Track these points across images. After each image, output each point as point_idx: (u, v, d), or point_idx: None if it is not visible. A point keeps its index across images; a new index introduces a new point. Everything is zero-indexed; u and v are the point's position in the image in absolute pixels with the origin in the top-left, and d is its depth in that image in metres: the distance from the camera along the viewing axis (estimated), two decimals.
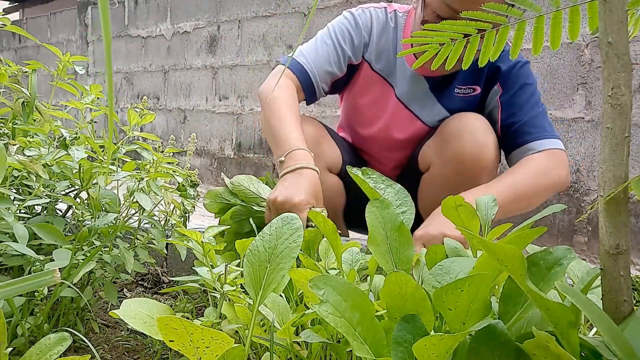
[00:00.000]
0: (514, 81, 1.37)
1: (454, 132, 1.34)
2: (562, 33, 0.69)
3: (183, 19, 4.32)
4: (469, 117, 1.35)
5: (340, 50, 1.40)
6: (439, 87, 1.43)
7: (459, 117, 1.37)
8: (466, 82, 1.41)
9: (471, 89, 1.41)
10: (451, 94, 1.42)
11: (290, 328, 0.71)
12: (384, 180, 0.85)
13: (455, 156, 1.32)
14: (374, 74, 1.45)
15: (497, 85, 1.38)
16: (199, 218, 2.86)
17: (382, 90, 1.46)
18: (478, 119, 1.35)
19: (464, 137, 1.31)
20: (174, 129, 4.41)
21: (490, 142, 1.32)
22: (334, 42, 1.40)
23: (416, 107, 1.45)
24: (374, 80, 1.46)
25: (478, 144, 1.30)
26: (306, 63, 1.38)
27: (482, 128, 1.33)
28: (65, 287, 0.86)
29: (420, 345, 0.49)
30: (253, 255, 0.69)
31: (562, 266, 0.55)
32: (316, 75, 1.38)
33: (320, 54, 1.39)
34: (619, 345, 0.45)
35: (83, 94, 1.08)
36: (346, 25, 1.41)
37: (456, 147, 1.32)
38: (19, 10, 8.58)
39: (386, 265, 0.69)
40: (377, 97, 1.46)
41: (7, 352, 0.56)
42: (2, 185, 0.87)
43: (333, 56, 1.40)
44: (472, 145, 1.30)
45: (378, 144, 1.53)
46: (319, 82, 1.39)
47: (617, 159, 0.51)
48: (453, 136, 1.34)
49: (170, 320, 0.53)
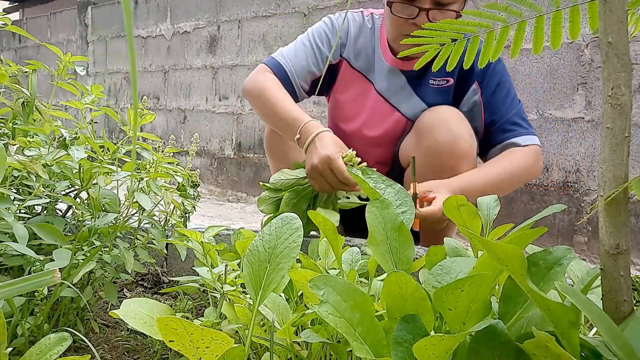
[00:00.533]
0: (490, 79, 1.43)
1: (428, 125, 1.39)
2: (563, 33, 0.69)
3: (183, 19, 4.32)
4: (441, 109, 1.41)
5: (317, 50, 1.50)
6: (415, 79, 1.49)
7: (431, 111, 1.43)
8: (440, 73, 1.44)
9: (444, 80, 1.48)
10: (426, 85, 1.49)
11: (290, 328, 0.71)
12: (384, 180, 0.85)
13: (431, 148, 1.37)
14: (354, 71, 1.54)
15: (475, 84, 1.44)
16: (199, 218, 2.86)
17: (362, 87, 1.54)
18: (450, 110, 1.40)
19: (437, 129, 1.36)
20: (174, 129, 4.41)
21: (464, 131, 1.36)
22: (312, 43, 1.51)
23: (395, 100, 1.52)
24: (354, 77, 1.54)
25: (452, 134, 1.35)
26: (284, 62, 1.49)
27: (454, 118, 1.37)
28: (65, 287, 0.86)
29: (421, 345, 0.49)
30: (253, 255, 0.69)
31: (562, 266, 0.55)
32: (294, 73, 1.48)
33: (298, 54, 1.50)
34: (619, 345, 0.45)
35: (83, 94, 1.08)
36: (323, 28, 1.52)
37: (430, 139, 1.37)
38: (19, 10, 8.58)
39: (386, 265, 0.69)
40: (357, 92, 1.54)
41: (7, 352, 0.56)
42: (2, 185, 0.87)
43: (310, 56, 1.50)
44: (446, 136, 1.35)
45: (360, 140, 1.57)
46: (297, 79, 1.49)
47: (617, 159, 0.51)
48: (427, 129, 1.39)
49: (170, 320, 0.53)
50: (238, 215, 3.13)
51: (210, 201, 3.67)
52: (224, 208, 3.40)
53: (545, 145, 2.38)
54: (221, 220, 2.91)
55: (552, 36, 0.69)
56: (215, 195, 3.95)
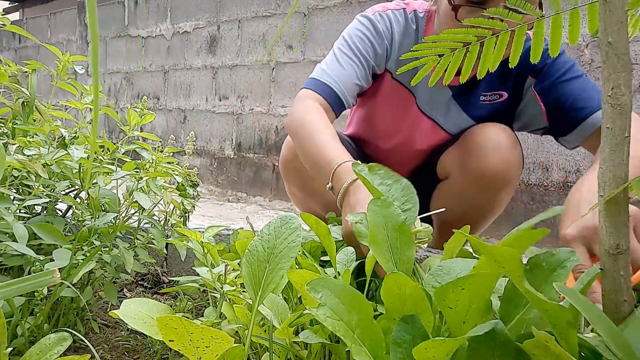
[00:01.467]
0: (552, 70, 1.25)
1: (478, 145, 1.27)
2: (562, 34, 0.69)
3: (183, 19, 4.32)
4: (494, 129, 1.27)
5: (365, 63, 1.29)
6: (463, 93, 1.34)
7: (483, 129, 1.29)
8: (492, 87, 1.33)
9: (497, 94, 1.33)
10: (476, 101, 1.34)
11: (289, 328, 0.71)
12: (392, 176, 0.85)
13: (478, 171, 1.26)
14: (395, 83, 1.35)
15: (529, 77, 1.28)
16: (199, 218, 2.86)
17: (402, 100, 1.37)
18: (503, 132, 1.27)
19: (488, 153, 1.25)
20: (174, 129, 4.41)
21: (515, 159, 1.26)
22: (357, 55, 1.29)
23: (439, 117, 1.37)
24: (394, 90, 1.36)
25: (503, 160, 1.24)
26: (333, 83, 1.26)
27: (507, 143, 1.26)
28: (65, 287, 0.86)
29: (420, 348, 0.49)
30: (252, 255, 0.69)
31: (565, 268, 0.55)
32: (345, 92, 1.27)
33: (346, 70, 1.27)
34: (618, 346, 0.45)
35: (83, 93, 1.08)
36: (366, 34, 1.30)
37: (479, 162, 1.26)
38: (19, 10, 8.58)
39: (387, 265, 0.69)
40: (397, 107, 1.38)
41: (7, 352, 0.56)
42: (2, 185, 0.87)
43: (359, 70, 1.29)
44: (496, 162, 1.24)
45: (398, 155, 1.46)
46: (348, 98, 1.28)
47: (617, 159, 0.51)
48: (477, 150, 1.27)
49: (170, 320, 0.53)
50: (238, 215, 3.13)
51: (210, 201, 3.67)
52: (224, 208, 3.40)
53: (545, 145, 2.38)
54: (221, 220, 2.91)
55: (551, 41, 0.69)
56: (215, 195, 3.95)
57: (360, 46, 1.29)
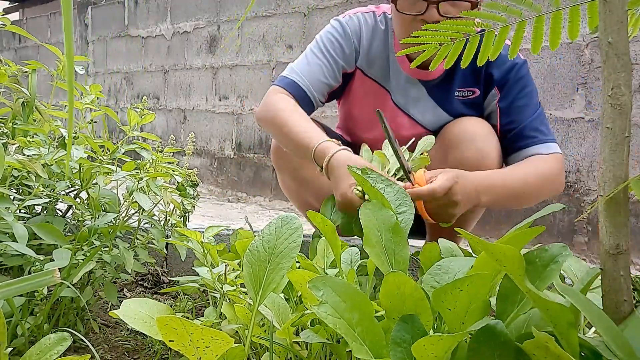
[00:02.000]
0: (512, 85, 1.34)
1: (455, 138, 1.32)
2: (562, 33, 0.69)
3: (183, 19, 4.32)
4: (470, 122, 1.33)
5: (332, 61, 1.36)
6: (438, 90, 1.39)
7: (459, 123, 1.34)
8: (465, 84, 1.37)
9: (471, 91, 1.38)
10: (451, 97, 1.38)
11: (289, 328, 0.71)
12: (384, 180, 0.85)
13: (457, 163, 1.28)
14: (368, 80, 1.41)
15: (495, 89, 1.35)
16: (199, 218, 2.86)
17: (378, 97, 1.42)
18: (479, 124, 1.32)
19: (465, 145, 1.29)
20: (174, 129, 4.41)
21: (492, 149, 1.30)
22: (325, 54, 1.36)
23: (416, 113, 1.42)
24: (368, 87, 1.42)
25: (479, 151, 1.28)
26: (300, 80, 1.34)
27: (483, 134, 1.30)
28: (65, 287, 0.86)
29: (419, 345, 0.49)
30: (253, 255, 0.69)
31: (558, 263, 0.55)
32: (312, 89, 1.34)
33: (313, 68, 1.36)
34: (618, 346, 0.45)
35: (83, 94, 1.09)
36: (335, 35, 1.38)
37: (457, 154, 1.30)
38: (19, 10, 8.58)
39: (382, 266, 0.69)
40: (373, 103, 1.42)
41: (7, 352, 0.56)
42: (2, 185, 0.87)
43: (326, 68, 1.36)
44: (473, 152, 1.28)
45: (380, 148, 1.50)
46: (316, 95, 1.35)
47: (617, 159, 0.51)
48: (454, 143, 1.31)
49: (170, 320, 0.53)
50: (238, 215, 3.13)
51: (210, 201, 3.67)
52: (224, 208, 3.40)
53: None
54: (221, 220, 2.91)
55: (551, 36, 0.69)
56: (215, 195, 3.95)
57: (328, 46, 1.37)
